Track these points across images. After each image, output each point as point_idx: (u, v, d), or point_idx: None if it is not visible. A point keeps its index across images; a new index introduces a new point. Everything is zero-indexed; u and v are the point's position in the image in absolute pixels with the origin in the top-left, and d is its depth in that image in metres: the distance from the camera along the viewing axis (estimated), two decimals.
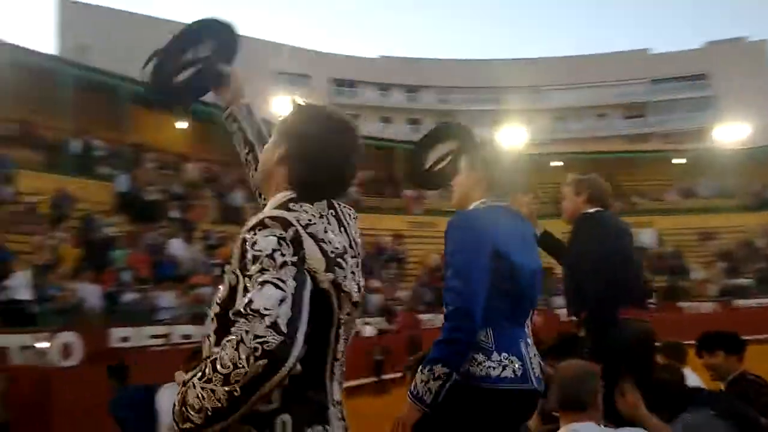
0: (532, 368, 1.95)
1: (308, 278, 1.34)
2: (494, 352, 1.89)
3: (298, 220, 1.41)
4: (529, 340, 2.02)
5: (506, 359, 1.88)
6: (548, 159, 26.32)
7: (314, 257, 1.39)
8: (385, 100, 34.95)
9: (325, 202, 1.53)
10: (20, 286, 9.85)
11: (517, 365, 1.90)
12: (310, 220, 1.44)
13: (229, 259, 1.49)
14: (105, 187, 16.86)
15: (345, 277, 1.45)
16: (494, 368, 1.87)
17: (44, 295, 10.20)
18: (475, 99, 34.01)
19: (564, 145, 28.66)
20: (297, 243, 1.37)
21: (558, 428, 2.01)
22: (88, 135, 17.70)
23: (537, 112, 33.73)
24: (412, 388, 1.86)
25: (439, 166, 2.89)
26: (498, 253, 1.93)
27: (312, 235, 1.41)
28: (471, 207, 2.12)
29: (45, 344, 8.86)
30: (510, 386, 1.88)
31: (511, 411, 1.85)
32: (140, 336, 11.06)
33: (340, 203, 1.60)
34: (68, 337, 9.58)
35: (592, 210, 2.82)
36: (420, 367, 1.86)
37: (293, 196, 1.50)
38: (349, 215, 1.62)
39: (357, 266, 1.56)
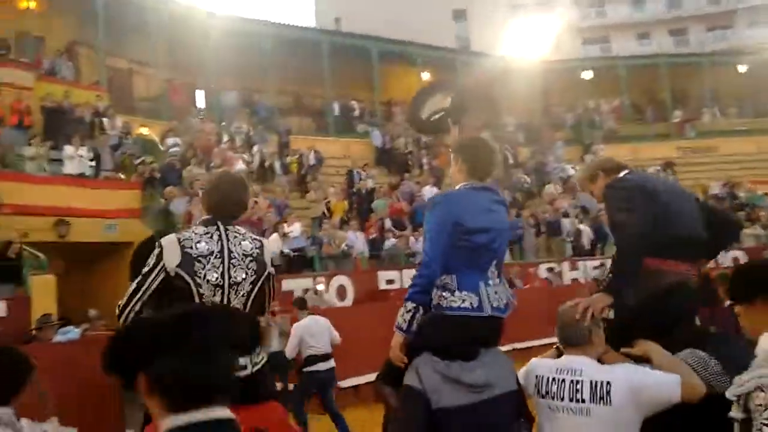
0: (490, 301, 2.59)
1: (159, 271, 2.52)
2: (456, 291, 2.59)
3: (178, 237, 2.57)
4: (491, 282, 2.64)
5: (465, 295, 2.57)
6: None
7: (171, 258, 2.52)
8: (641, 14, 30.83)
9: (214, 225, 2.63)
10: (299, 236, 11.21)
11: (474, 299, 2.57)
12: (188, 236, 2.58)
13: None
14: (364, 144, 18.28)
15: (203, 267, 2.53)
16: (456, 302, 2.57)
17: (319, 243, 11.45)
18: None
19: None
20: (159, 253, 2.54)
21: None
22: (345, 98, 19.33)
23: None
24: (396, 321, 2.61)
25: (433, 118, 3.56)
26: (457, 223, 2.59)
27: (182, 244, 2.54)
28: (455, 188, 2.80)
29: (322, 287, 9.96)
30: (467, 314, 2.55)
31: (469, 331, 2.54)
32: (403, 278, 11.76)
33: (228, 227, 2.65)
34: (342, 280, 10.65)
35: (611, 180, 2.90)
36: None
37: (205, 218, 2.67)
38: (236, 235, 2.66)
39: (223, 263, 2.57)
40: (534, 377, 2.39)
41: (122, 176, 11.73)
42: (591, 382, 2.22)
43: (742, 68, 21.93)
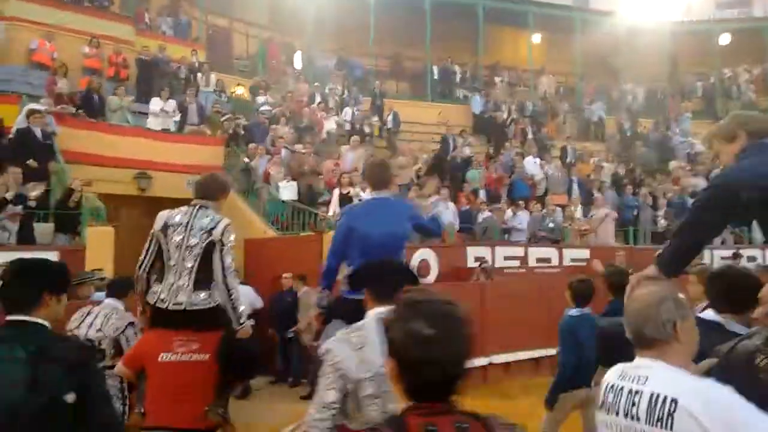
0: None
1: (152, 236, 3.55)
2: None
3: (165, 213, 3.62)
4: None
5: None
6: None
7: (158, 226, 3.55)
8: None
9: (192, 206, 3.58)
10: None
11: None
12: (171, 213, 3.57)
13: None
14: (463, 109, 16.93)
15: (173, 232, 3.49)
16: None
17: None
18: None
19: None
20: (155, 230, 3.55)
21: None
22: (446, 61, 17.98)
23: None
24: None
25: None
26: (352, 228, 3.45)
27: (167, 218, 3.55)
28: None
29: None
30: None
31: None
32: (496, 255, 10.48)
33: (199, 207, 3.58)
34: (426, 253, 9.55)
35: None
36: None
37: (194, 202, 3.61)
38: (201, 214, 3.56)
39: (187, 231, 3.49)
40: (604, 385, 1.79)
41: (208, 131, 11.30)
42: (651, 395, 1.61)
43: None
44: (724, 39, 19.23)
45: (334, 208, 9.03)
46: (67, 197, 6.54)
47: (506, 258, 10.44)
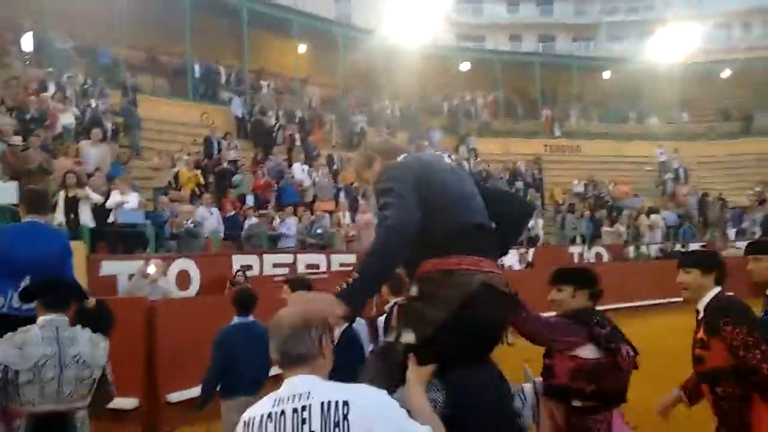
0: None
1: None
2: None
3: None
4: None
5: None
6: (718, 68, 22.04)
7: None
8: (514, 17, 31.12)
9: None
10: (136, 208, 8.87)
11: None
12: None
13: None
14: (226, 112, 15.97)
15: None
16: None
17: (160, 219, 9.22)
18: (615, 9, 29.41)
19: (730, 54, 23.87)
20: None
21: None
22: (210, 61, 16.84)
23: (693, 19, 28.54)
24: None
25: None
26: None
27: None
28: None
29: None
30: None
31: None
32: (264, 264, 9.84)
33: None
34: (185, 264, 8.50)
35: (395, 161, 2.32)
36: None
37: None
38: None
39: None
40: (242, 426, 1.67)
41: None
42: (322, 405, 1.59)
43: (606, 75, 22.52)
44: (464, 66, 21.51)
45: (60, 213, 7.47)
46: None
47: (275, 265, 9.89)
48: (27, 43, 14.14)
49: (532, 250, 13.27)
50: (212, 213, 10.23)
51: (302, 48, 19.31)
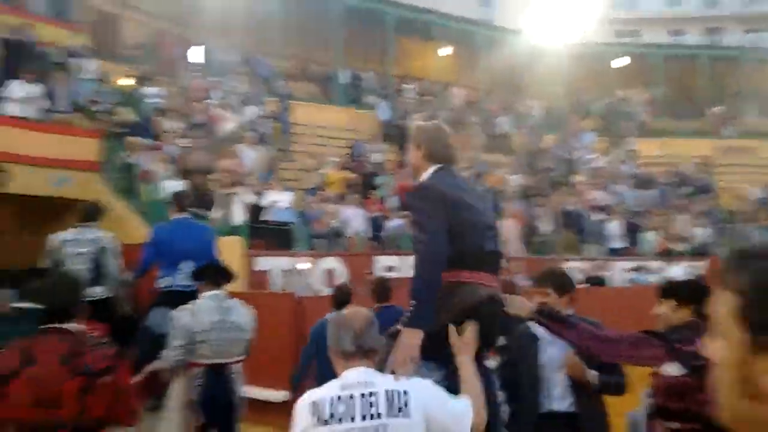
0: None
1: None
2: None
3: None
4: None
5: None
6: None
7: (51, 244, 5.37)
8: (675, 10, 28.43)
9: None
10: (288, 207, 9.17)
11: None
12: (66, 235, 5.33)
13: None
14: (372, 116, 16.25)
15: (67, 250, 5.35)
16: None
17: (307, 218, 9.45)
18: None
19: None
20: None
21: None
22: (356, 67, 17.29)
23: None
24: None
25: None
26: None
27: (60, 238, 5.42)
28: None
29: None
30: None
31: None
32: (405, 265, 9.69)
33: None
34: (331, 262, 8.59)
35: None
36: None
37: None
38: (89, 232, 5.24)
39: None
40: (310, 405, 1.90)
41: (82, 122, 9.71)
42: (387, 392, 1.90)
43: None
44: (619, 62, 19.96)
45: (218, 210, 7.87)
46: None
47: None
48: (195, 56, 15.48)
49: (701, 263, 11.80)
50: (357, 214, 10.30)
51: (445, 51, 19.16)
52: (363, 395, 1.86)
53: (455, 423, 1.94)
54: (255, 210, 8.82)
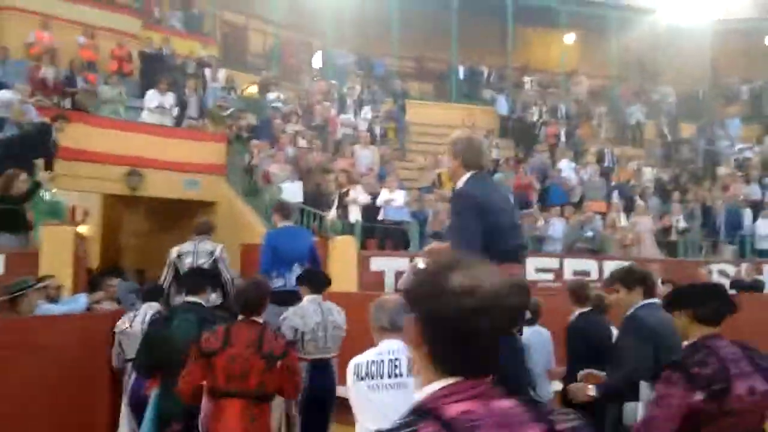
0: None
1: (170, 263, 5.44)
2: None
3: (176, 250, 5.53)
4: None
5: None
6: None
7: (172, 256, 5.52)
8: None
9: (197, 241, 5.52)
10: (402, 206, 8.98)
11: None
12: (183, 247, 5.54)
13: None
14: (489, 112, 15.67)
15: (185, 259, 5.42)
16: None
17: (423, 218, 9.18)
18: None
19: None
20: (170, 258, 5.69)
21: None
22: (473, 62, 16.78)
23: None
24: None
25: None
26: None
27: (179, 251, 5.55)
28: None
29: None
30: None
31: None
32: (528, 267, 9.09)
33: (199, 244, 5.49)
34: None
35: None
36: None
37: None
38: (203, 245, 5.48)
39: (193, 257, 5.35)
40: (354, 367, 2.49)
41: (210, 128, 10.20)
42: (408, 358, 2.28)
43: None
44: None
45: (333, 209, 7.82)
46: (5, 187, 5.34)
47: (538, 270, 9.08)
48: (316, 61, 15.85)
49: None
50: None
51: (570, 38, 18.02)
52: (391, 360, 2.43)
53: None
54: (370, 209, 8.72)
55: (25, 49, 10.54)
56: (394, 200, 8.99)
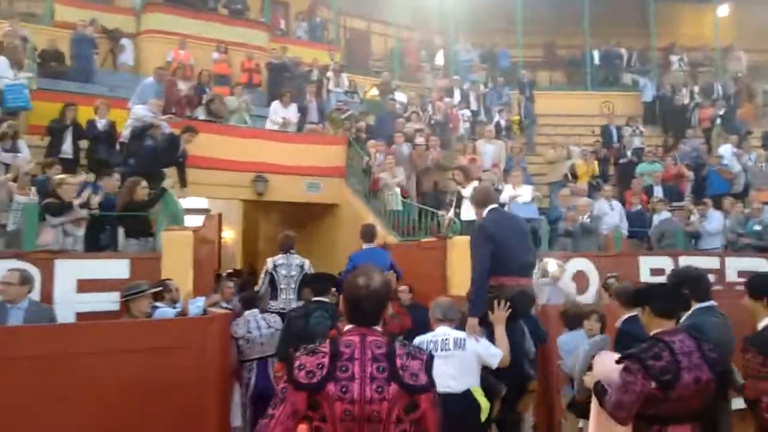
0: None
1: (266, 272, 6.23)
2: None
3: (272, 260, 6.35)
4: None
5: None
6: None
7: (269, 266, 6.29)
8: None
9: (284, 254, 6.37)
10: (529, 202, 8.22)
11: None
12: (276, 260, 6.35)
13: None
14: (630, 97, 14.18)
15: (281, 270, 6.27)
16: None
17: (555, 215, 8.34)
18: None
19: None
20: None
21: None
22: (609, 45, 15.34)
23: None
24: None
25: None
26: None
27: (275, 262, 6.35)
28: None
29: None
30: None
31: None
32: (679, 267, 7.87)
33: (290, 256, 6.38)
34: (582, 264, 7.35)
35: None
36: None
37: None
38: (294, 259, 6.34)
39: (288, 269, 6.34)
40: (417, 344, 3.44)
41: (331, 131, 10.19)
42: (455, 338, 3.59)
43: None
44: None
45: (452, 209, 7.29)
46: (128, 194, 5.59)
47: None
48: (439, 58, 15.45)
49: None
50: (613, 207, 8.81)
51: (723, 10, 15.86)
52: (442, 339, 3.57)
53: (489, 357, 3.57)
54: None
55: (165, 67, 11.32)
56: (520, 196, 8.27)
